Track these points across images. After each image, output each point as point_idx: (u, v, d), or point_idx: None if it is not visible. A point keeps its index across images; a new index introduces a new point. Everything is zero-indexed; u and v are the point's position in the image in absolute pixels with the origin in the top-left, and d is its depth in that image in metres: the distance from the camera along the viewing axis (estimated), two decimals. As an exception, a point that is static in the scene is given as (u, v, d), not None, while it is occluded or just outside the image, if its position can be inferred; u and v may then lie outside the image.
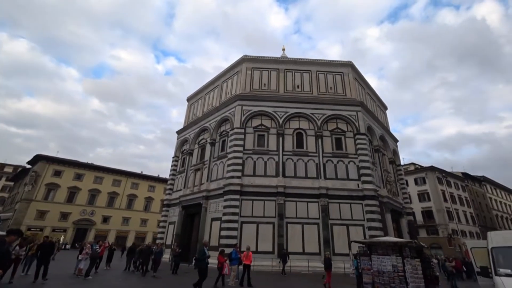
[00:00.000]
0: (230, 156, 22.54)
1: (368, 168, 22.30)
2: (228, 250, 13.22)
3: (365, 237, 19.21)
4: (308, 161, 22.78)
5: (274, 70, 27.08)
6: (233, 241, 18.48)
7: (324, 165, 22.65)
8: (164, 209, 28.97)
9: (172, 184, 29.94)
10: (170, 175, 30.93)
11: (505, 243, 7.39)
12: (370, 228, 20.00)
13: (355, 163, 22.82)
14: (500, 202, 59.58)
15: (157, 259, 13.93)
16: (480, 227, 47.13)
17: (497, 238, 7.80)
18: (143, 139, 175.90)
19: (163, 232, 27.26)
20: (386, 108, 36.31)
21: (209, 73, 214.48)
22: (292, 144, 23.43)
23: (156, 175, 57.26)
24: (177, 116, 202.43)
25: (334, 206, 20.92)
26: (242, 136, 23.23)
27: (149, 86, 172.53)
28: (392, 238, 12.83)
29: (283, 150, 23.01)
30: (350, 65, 27.95)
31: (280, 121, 23.95)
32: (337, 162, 22.92)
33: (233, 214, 20.06)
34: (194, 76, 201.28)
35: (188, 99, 35.06)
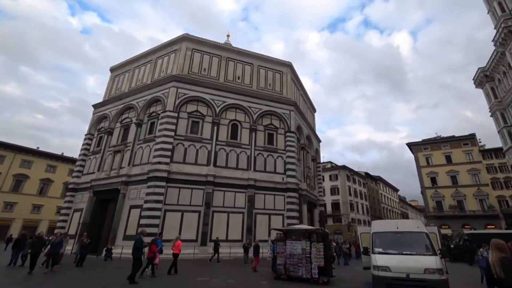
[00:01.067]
0: (159, 140, 20.89)
1: (293, 164, 24.44)
2: (147, 239, 12.34)
3: (283, 225, 21.15)
4: (240, 152, 23.30)
5: (216, 56, 26.26)
6: (154, 230, 17.47)
7: (255, 158, 23.60)
8: (68, 193, 24.76)
9: (82, 166, 25.81)
10: (80, 155, 26.53)
11: (381, 229, 9.16)
12: (288, 217, 22.14)
13: (282, 158, 24.64)
14: (387, 197, 75.34)
15: (55, 252, 11.79)
16: (371, 216, 58.46)
17: (377, 225, 9.58)
18: (43, 107, 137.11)
19: (65, 221, 23.36)
20: (315, 110, 40.31)
21: (142, 44, 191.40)
22: (227, 135, 23.47)
23: (59, 153, 47.78)
24: (95, 86, 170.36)
25: (259, 197, 22.18)
26: (175, 121, 21.83)
27: (57, 43, 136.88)
28: (304, 226, 14.59)
29: (217, 140, 22.80)
30: (289, 66, 29.67)
31: (217, 110, 23.57)
32: (267, 156, 24.26)
33: (157, 201, 18.83)
34: (122, 43, 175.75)
35: (112, 70, 30.54)
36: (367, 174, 64.68)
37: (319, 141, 38.19)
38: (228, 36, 34.03)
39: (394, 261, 7.59)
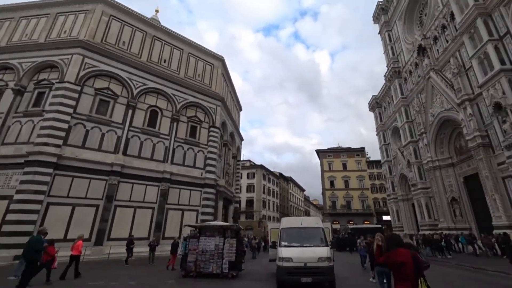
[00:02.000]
0: (49, 116, 16.57)
1: (214, 159, 24.08)
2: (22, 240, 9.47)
3: (197, 221, 20.49)
4: (158, 142, 21.23)
5: (140, 31, 23.08)
6: (30, 228, 13.77)
7: (174, 149, 22.00)
8: None
9: None
10: None
11: (288, 225, 9.98)
12: (203, 213, 21.62)
13: (204, 153, 23.92)
14: (295, 196, 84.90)
15: None
16: (280, 213, 64.45)
17: (285, 222, 10.38)
18: None
19: None
20: (241, 109, 41.17)
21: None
22: (144, 121, 20.96)
23: None
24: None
25: (174, 191, 20.78)
26: (76, 96, 17.82)
27: None
28: (219, 222, 14.50)
29: (130, 125, 20.02)
30: (222, 61, 29.15)
31: (135, 92, 20.72)
32: (188, 149, 23.05)
33: (37, 192, 14.83)
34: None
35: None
36: (280, 174, 71.00)
37: (241, 139, 39.22)
38: (157, 11, 30.68)
39: (296, 252, 8.45)
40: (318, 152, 60.36)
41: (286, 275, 8.19)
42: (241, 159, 42.39)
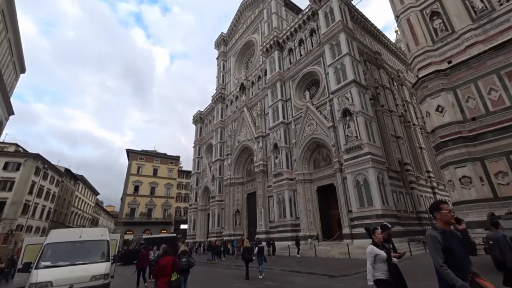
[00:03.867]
0: None
1: None
2: None
3: None
4: None
5: None
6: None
7: None
8: None
9: None
10: None
11: (59, 239, 8.07)
12: None
13: None
14: (83, 200, 67.48)
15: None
16: (50, 222, 47.81)
17: (54, 235, 8.33)
18: None
19: None
20: (24, 70, 27.70)
21: None
22: None
23: None
24: None
25: None
26: None
27: None
28: None
29: None
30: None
31: None
32: None
33: None
34: None
35: None
36: (68, 170, 54.55)
37: (10, 112, 25.92)
38: None
39: (61, 273, 7.10)
40: (129, 152, 53.60)
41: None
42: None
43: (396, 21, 18.09)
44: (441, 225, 2.95)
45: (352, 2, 24.43)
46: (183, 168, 62.53)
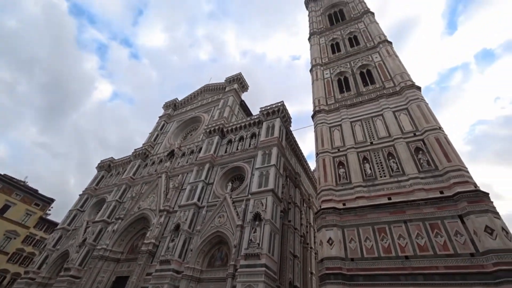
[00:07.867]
0: None
1: None
2: None
3: None
4: None
5: None
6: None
7: None
8: None
9: None
10: None
11: None
12: None
13: None
14: None
15: None
16: None
17: None
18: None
19: None
20: None
21: None
22: None
23: None
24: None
25: None
26: None
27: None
28: None
29: None
30: None
31: None
32: None
33: None
34: None
35: None
36: None
37: None
38: None
39: None
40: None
41: None
42: None
43: (316, 156, 22.29)
44: None
45: (290, 128, 29.92)
46: (49, 217, 47.61)
